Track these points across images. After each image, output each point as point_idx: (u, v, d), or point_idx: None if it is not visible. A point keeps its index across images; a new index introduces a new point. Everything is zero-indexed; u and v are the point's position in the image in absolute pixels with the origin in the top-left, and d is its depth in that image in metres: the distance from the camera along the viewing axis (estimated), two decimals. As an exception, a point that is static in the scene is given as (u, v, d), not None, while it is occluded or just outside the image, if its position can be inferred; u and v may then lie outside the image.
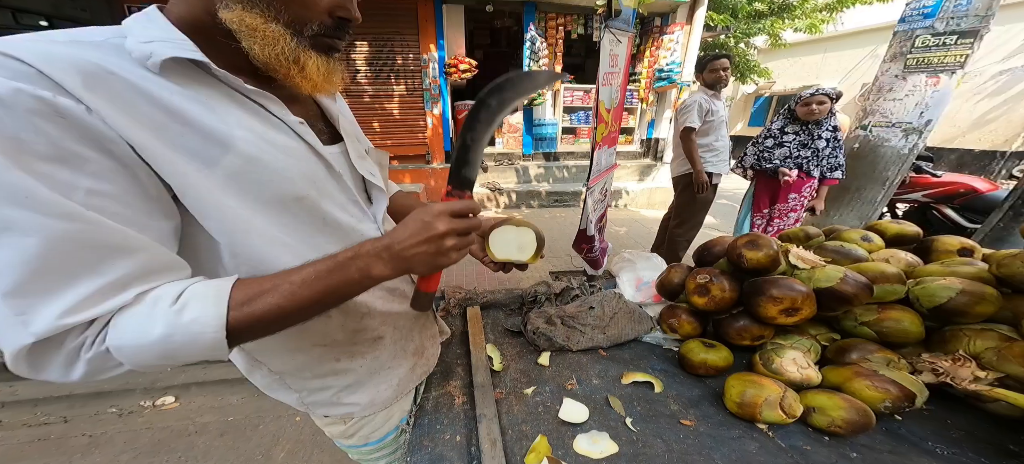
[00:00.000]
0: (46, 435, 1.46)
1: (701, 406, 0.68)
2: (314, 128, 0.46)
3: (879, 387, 0.58)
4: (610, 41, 1.68)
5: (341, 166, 0.49)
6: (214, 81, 0.38)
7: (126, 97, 0.32)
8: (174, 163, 0.34)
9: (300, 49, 0.39)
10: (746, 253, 0.72)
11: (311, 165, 0.44)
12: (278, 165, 0.40)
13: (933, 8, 2.02)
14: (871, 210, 2.34)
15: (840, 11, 4.90)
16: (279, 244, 0.41)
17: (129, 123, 0.32)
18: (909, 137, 2.16)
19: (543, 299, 1.04)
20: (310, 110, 0.50)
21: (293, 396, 0.54)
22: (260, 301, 0.36)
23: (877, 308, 0.70)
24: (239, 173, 0.37)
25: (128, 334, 0.32)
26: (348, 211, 0.49)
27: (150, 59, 0.33)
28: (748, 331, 0.73)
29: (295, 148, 0.42)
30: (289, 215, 0.42)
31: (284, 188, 0.41)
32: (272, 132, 0.41)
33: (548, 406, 0.69)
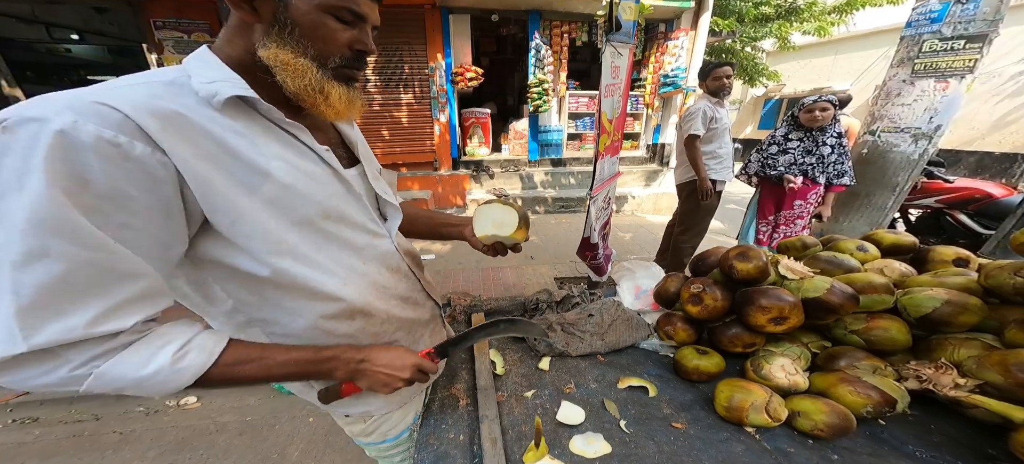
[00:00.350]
0: (80, 432, 1.56)
1: (692, 410, 0.71)
2: (336, 153, 0.52)
3: (861, 392, 0.60)
4: (611, 54, 1.72)
5: (360, 187, 0.55)
6: (255, 115, 0.44)
7: (191, 135, 0.38)
8: (227, 191, 0.40)
9: (325, 80, 0.45)
10: (737, 264, 0.75)
11: (334, 187, 0.50)
12: (307, 189, 0.46)
13: (940, 13, 2.00)
14: (881, 216, 2.32)
15: (850, 13, 4.83)
16: (309, 260, 0.47)
17: (192, 157, 0.38)
18: (919, 142, 2.14)
19: (545, 306, 1.08)
20: (332, 137, 0.56)
21: (313, 395, 0.60)
22: (240, 368, 0.43)
23: (866, 317, 0.72)
24: (276, 198, 0.43)
25: (123, 366, 0.37)
26: (366, 228, 0.55)
27: (215, 98, 0.40)
28: (740, 339, 0.76)
29: (321, 173, 0.48)
30: (317, 233, 0.48)
31: (312, 209, 0.46)
32: (302, 160, 0.46)
33: (546, 408, 0.73)
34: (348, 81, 0.48)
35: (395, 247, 0.59)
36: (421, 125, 4.80)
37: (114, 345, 0.36)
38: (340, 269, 0.51)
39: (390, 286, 0.59)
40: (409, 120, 4.75)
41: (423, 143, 4.88)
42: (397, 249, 0.60)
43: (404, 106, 4.68)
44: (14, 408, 1.68)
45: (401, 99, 4.65)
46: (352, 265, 0.52)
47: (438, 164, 4.96)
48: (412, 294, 0.64)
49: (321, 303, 0.50)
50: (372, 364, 0.52)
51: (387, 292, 0.58)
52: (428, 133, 4.84)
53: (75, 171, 0.32)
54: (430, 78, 4.55)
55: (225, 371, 0.42)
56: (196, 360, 0.40)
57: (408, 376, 0.54)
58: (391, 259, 0.59)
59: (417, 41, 4.44)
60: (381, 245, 0.57)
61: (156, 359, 0.38)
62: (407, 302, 0.63)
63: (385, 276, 0.58)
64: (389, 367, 0.53)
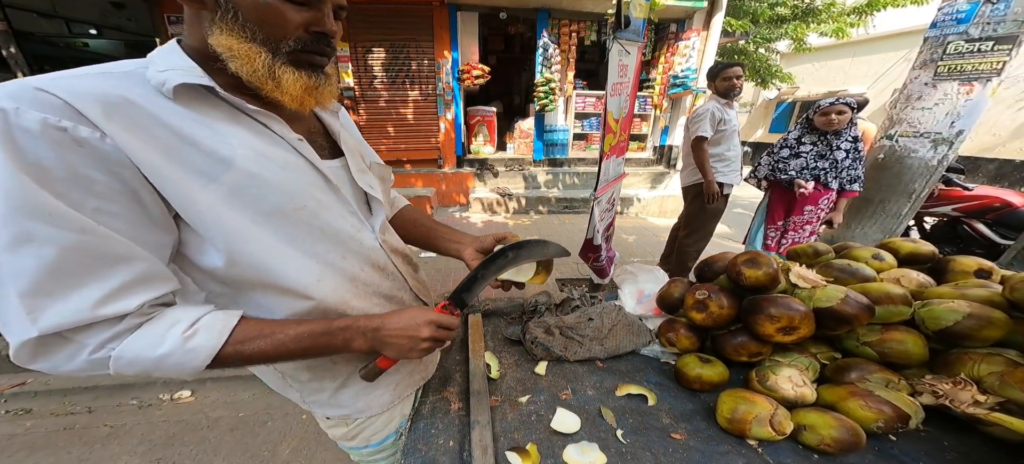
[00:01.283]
0: (72, 424, 1.56)
1: (693, 420, 0.68)
2: (314, 144, 0.50)
3: (873, 407, 0.57)
4: (619, 52, 1.69)
5: (339, 179, 0.52)
6: (220, 103, 0.42)
7: (141, 122, 0.37)
8: (180, 181, 0.39)
9: (276, 65, 0.42)
10: (745, 271, 0.72)
11: (309, 178, 0.48)
12: (277, 179, 0.44)
13: (968, 13, 1.92)
14: (896, 224, 2.24)
15: (870, 14, 4.68)
16: (278, 252, 0.45)
17: (140, 145, 0.37)
18: (938, 148, 2.06)
19: (543, 309, 1.06)
20: (312, 126, 0.54)
21: (296, 395, 0.58)
22: (253, 344, 0.42)
23: (880, 328, 0.68)
24: (240, 188, 0.42)
25: (137, 347, 0.37)
26: (346, 222, 0.53)
27: (164, 86, 0.38)
28: (746, 348, 0.73)
29: (294, 163, 0.46)
30: (290, 225, 0.46)
31: (283, 200, 0.45)
32: (272, 148, 0.45)
33: (541, 415, 0.71)
34: (311, 67, 0.45)
35: (379, 243, 0.57)
36: (426, 122, 4.80)
37: (123, 327, 0.37)
38: (314, 263, 0.49)
39: (372, 283, 0.57)
40: (415, 117, 4.76)
41: (428, 140, 4.89)
42: (382, 245, 0.58)
43: (410, 103, 4.69)
44: (8, 399, 1.69)
45: (407, 96, 4.66)
46: (330, 259, 0.50)
47: (442, 161, 4.95)
48: (397, 293, 0.62)
49: (290, 299, 0.48)
50: (387, 330, 0.49)
51: (367, 289, 0.56)
52: (433, 130, 4.84)
53: (31, 156, 0.32)
54: (437, 75, 4.55)
55: (239, 350, 0.41)
56: (206, 341, 0.40)
57: (429, 334, 0.50)
58: (374, 255, 0.57)
59: (424, 38, 4.44)
60: (364, 240, 0.55)
61: (167, 339, 0.38)
62: (391, 301, 0.61)
63: (367, 272, 0.56)
64: (405, 330, 0.49)
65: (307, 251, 0.48)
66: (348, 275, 0.52)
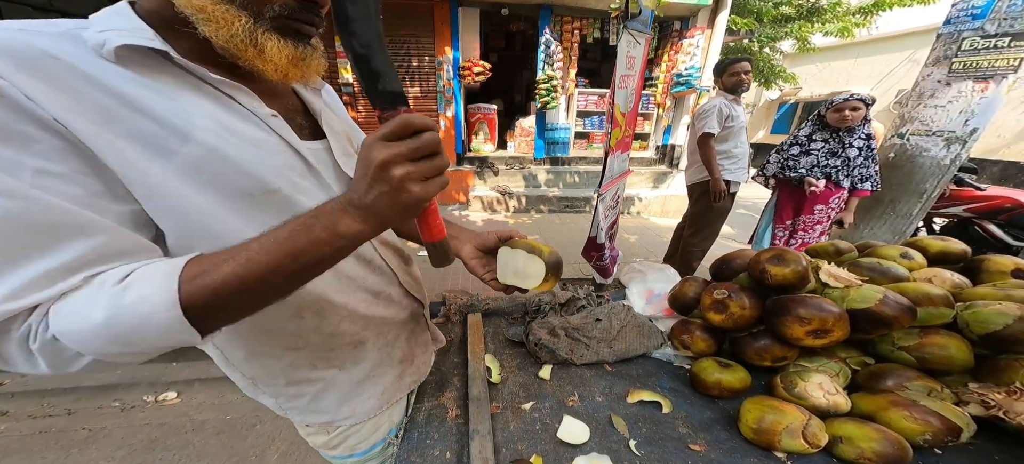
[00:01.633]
0: (48, 427, 1.49)
1: (712, 430, 0.63)
2: (292, 122, 0.44)
3: (919, 418, 0.51)
4: (627, 43, 1.63)
5: (321, 162, 0.46)
6: (178, 71, 0.36)
7: (67, 82, 0.31)
8: (122, 151, 0.32)
9: (258, 31, 0.37)
10: (770, 268, 0.66)
11: (284, 159, 0.42)
12: (244, 157, 0.38)
13: (983, 8, 1.87)
14: (906, 224, 2.19)
15: (876, 14, 4.63)
16: (239, 236, 0.38)
17: (67, 109, 0.30)
18: (951, 147, 2.01)
19: (547, 309, 1.00)
20: (290, 104, 0.48)
21: (271, 401, 0.52)
22: (215, 272, 0.32)
23: (918, 332, 0.63)
24: (199, 164, 0.36)
25: (69, 319, 0.29)
26: None
27: (104, 47, 0.32)
28: (769, 352, 0.67)
29: (265, 140, 0.40)
30: (257, 209, 0.40)
31: (251, 182, 0.39)
32: (239, 123, 0.39)
33: (546, 424, 0.65)
34: (297, 36, 0.40)
35: None
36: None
37: (52, 292, 0.29)
38: None
39: (356, 278, 0.51)
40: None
41: (428, 138, 4.82)
42: None
43: (410, 99, 4.62)
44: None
45: (407, 93, 4.57)
46: None
47: (443, 159, 4.89)
48: (385, 289, 0.56)
49: None
50: (356, 190, 0.35)
51: (351, 284, 0.50)
52: (433, 128, 4.78)
53: None
54: (437, 72, 4.50)
55: (204, 285, 0.31)
56: (148, 291, 0.30)
57: (383, 157, 0.33)
58: (361, 248, 0.51)
59: (425, 34, 4.39)
60: None
61: (98, 299, 0.30)
62: (377, 298, 0.55)
63: (350, 265, 0.50)
64: (364, 176, 0.34)
65: None
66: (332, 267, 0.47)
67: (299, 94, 0.50)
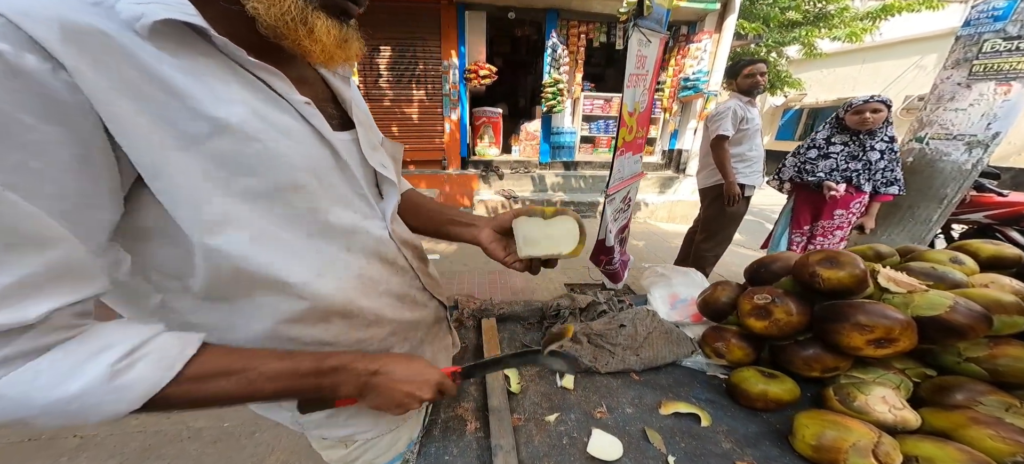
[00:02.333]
0: (37, 435, 1.43)
1: (760, 446, 0.57)
2: (323, 111, 0.41)
3: (1008, 437, 0.45)
4: (639, 41, 1.59)
5: (349, 155, 0.43)
6: (213, 51, 0.32)
7: (110, 59, 0.27)
8: (151, 137, 0.29)
9: (309, 9, 0.34)
10: (822, 272, 0.60)
11: (315, 151, 0.38)
12: (277, 148, 0.34)
13: (1005, 10, 1.83)
14: (925, 231, 2.13)
15: (884, 19, 4.60)
16: (269, 238, 0.35)
17: (108, 87, 0.27)
18: (973, 151, 1.96)
19: (566, 314, 0.94)
20: (320, 92, 0.45)
21: (285, 414, 0.47)
22: (214, 384, 0.32)
23: (988, 342, 0.57)
24: (230, 155, 0.32)
25: (32, 382, 0.25)
26: (353, 207, 0.43)
27: (140, 21, 0.28)
28: (820, 361, 0.61)
29: (298, 130, 0.37)
30: (287, 205, 0.36)
31: (280, 175, 0.35)
32: (273, 111, 0.35)
33: (574, 438, 0.59)
34: (341, 15, 0.37)
35: (389, 233, 0.47)
36: (431, 122, 4.73)
37: (13, 351, 0.25)
38: (314, 255, 0.39)
39: (381, 280, 0.47)
40: (419, 117, 4.69)
41: (432, 141, 4.81)
42: (392, 236, 0.48)
43: (415, 102, 4.63)
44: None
45: (413, 96, 4.59)
46: (332, 252, 0.40)
47: (447, 163, 4.87)
48: (409, 291, 0.52)
49: (282, 299, 0.38)
50: (389, 378, 0.42)
51: (377, 287, 0.46)
52: (438, 131, 4.77)
53: None
54: (443, 75, 4.49)
55: (191, 390, 0.31)
56: (147, 374, 0.29)
57: (428, 396, 0.45)
58: (384, 248, 0.47)
59: (431, 37, 4.39)
60: (372, 229, 0.45)
61: (87, 371, 0.26)
62: (403, 301, 0.50)
63: (375, 268, 0.46)
64: (409, 383, 0.44)
65: (306, 240, 0.38)
66: (354, 270, 0.43)
67: (328, 82, 0.47)
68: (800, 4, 4.85)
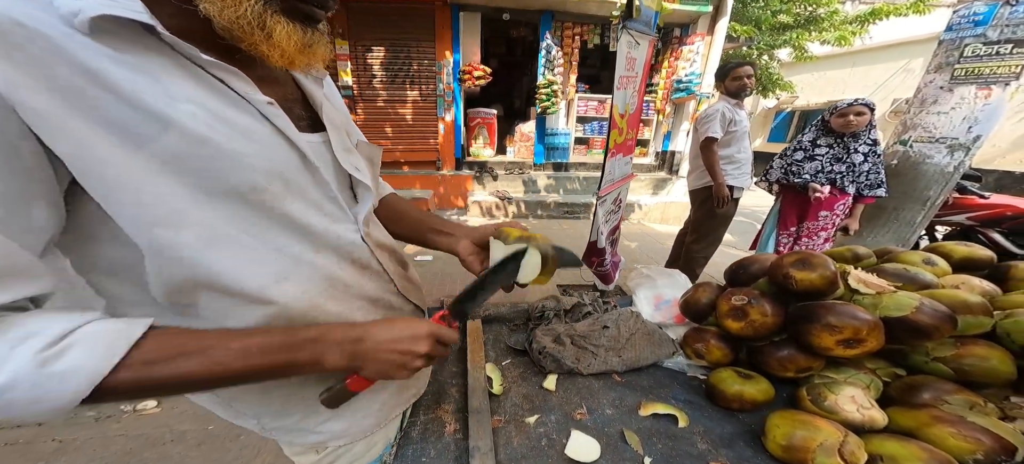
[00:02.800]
0: (15, 439, 1.40)
1: (734, 446, 0.58)
2: (290, 113, 0.40)
3: (968, 436, 0.47)
4: (628, 44, 1.60)
5: (319, 157, 0.42)
6: (164, 49, 0.32)
7: (33, 52, 0.26)
8: (83, 137, 0.28)
9: (267, 13, 0.33)
10: (795, 273, 0.61)
11: (279, 153, 0.37)
12: (234, 149, 0.33)
13: (986, 15, 1.88)
14: (909, 232, 2.17)
15: (873, 23, 4.68)
16: (224, 240, 0.34)
17: (29, 83, 0.26)
18: (955, 153, 2.00)
19: (551, 315, 0.95)
20: (289, 93, 0.44)
21: (252, 423, 0.47)
22: (173, 365, 0.30)
23: (955, 342, 0.58)
24: (180, 155, 0.31)
25: None
26: (323, 210, 0.42)
27: (78, 16, 0.27)
28: (794, 361, 0.62)
29: (259, 132, 0.36)
30: (245, 208, 0.35)
31: (237, 177, 0.34)
32: (231, 111, 0.34)
33: (553, 439, 0.60)
34: (306, 19, 0.37)
35: (361, 236, 0.47)
36: (425, 123, 4.72)
37: None
38: (275, 258, 0.38)
39: (352, 284, 0.46)
40: (413, 118, 4.67)
41: (426, 142, 4.80)
42: (365, 239, 0.47)
43: (409, 103, 4.61)
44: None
45: (407, 96, 4.58)
46: (297, 253, 0.40)
47: (441, 164, 4.86)
48: (384, 295, 0.51)
49: (240, 305, 0.37)
50: (373, 342, 0.40)
51: (347, 291, 0.45)
52: (432, 131, 4.76)
53: None
54: (437, 76, 4.48)
55: (145, 374, 0.29)
56: (85, 361, 0.27)
57: (426, 349, 0.43)
58: (355, 251, 0.46)
59: (425, 38, 4.38)
60: (344, 233, 0.44)
61: (8, 361, 0.25)
62: (376, 304, 0.50)
63: (346, 271, 0.45)
64: (396, 343, 0.41)
65: (268, 242, 0.37)
66: (323, 273, 0.42)
67: (298, 82, 0.46)
68: (791, 8, 4.92)
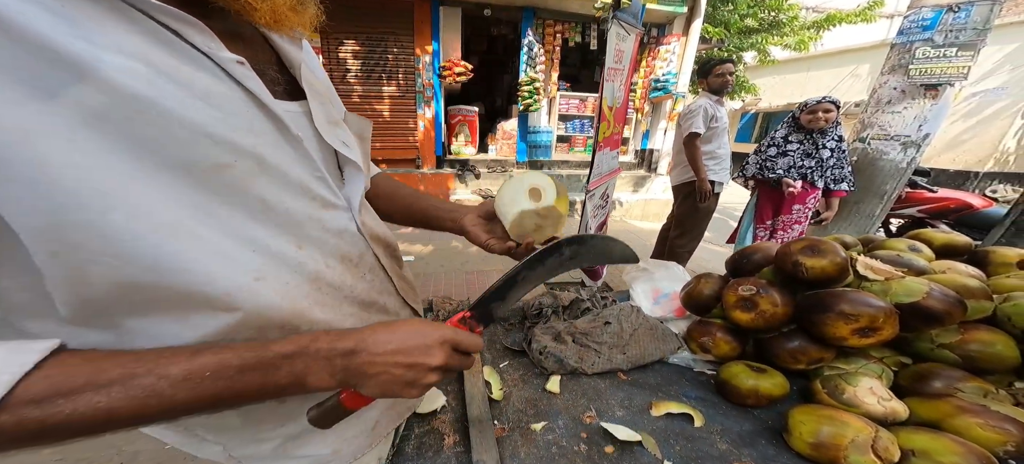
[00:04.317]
0: None
1: (756, 444, 0.55)
2: (263, 76, 0.32)
3: (997, 426, 0.45)
4: (617, 35, 1.59)
5: (301, 129, 0.34)
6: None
7: None
8: None
9: None
10: (805, 261, 0.59)
11: (252, 122, 0.30)
12: (188, 115, 0.26)
13: (932, 21, 2.02)
14: (869, 224, 2.31)
15: (827, 29, 5.04)
16: (172, 229, 0.26)
17: None
18: (908, 150, 2.15)
19: (549, 312, 0.90)
20: (261, 54, 0.36)
21: (214, 448, 0.38)
22: (79, 402, 0.22)
23: (958, 328, 0.58)
24: (105, 117, 0.23)
25: None
26: (308, 193, 0.34)
27: None
28: (805, 353, 0.60)
29: (222, 94, 0.28)
30: (204, 190, 0.27)
31: (195, 150, 0.26)
32: (184, 67, 0.26)
33: (563, 447, 0.55)
34: None
35: (356, 226, 0.39)
36: (404, 119, 4.55)
37: None
38: (248, 254, 0.30)
39: (343, 285, 0.38)
40: (392, 114, 4.50)
41: (405, 138, 4.64)
42: (360, 229, 0.40)
43: (386, 99, 4.43)
44: None
45: (383, 91, 4.40)
46: (275, 247, 0.32)
47: (421, 162, 4.72)
48: (378, 298, 0.44)
49: (198, 314, 0.29)
50: (372, 355, 0.32)
51: (337, 294, 0.37)
52: (411, 128, 4.60)
53: None
54: (416, 71, 4.33)
55: (35, 417, 0.21)
56: None
57: (440, 362, 0.34)
58: (348, 244, 0.39)
59: (404, 32, 4.23)
60: (332, 222, 0.37)
61: None
62: (369, 309, 0.42)
63: (336, 269, 0.37)
64: (404, 353, 0.33)
65: (234, 232, 0.29)
66: (307, 273, 0.34)
67: (271, 41, 0.38)
68: (756, 12, 5.19)
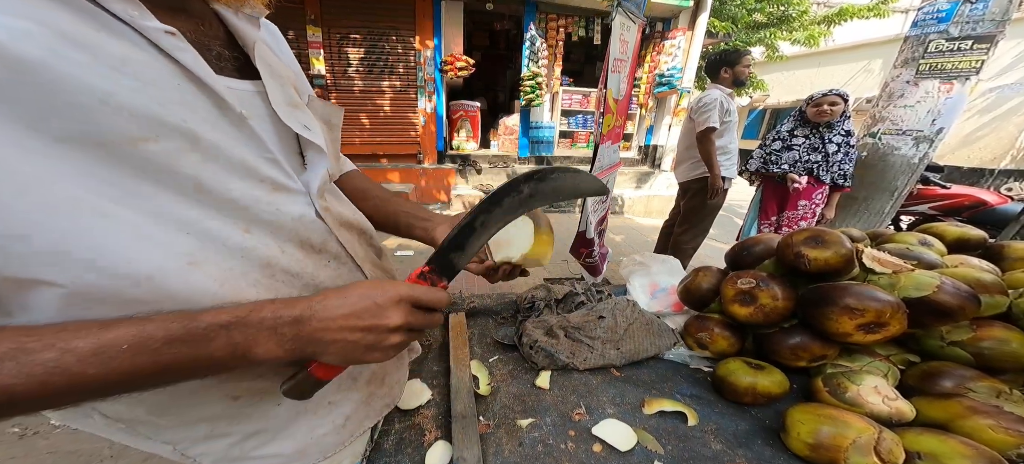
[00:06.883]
0: None
1: (752, 445, 0.52)
2: (205, 51, 0.30)
3: (1009, 428, 0.43)
4: (621, 24, 1.55)
5: (249, 108, 0.32)
6: None
7: None
8: None
9: None
10: (808, 252, 0.56)
11: (182, 97, 0.28)
12: (94, 83, 0.23)
13: (948, 13, 1.95)
14: (878, 221, 2.25)
15: (838, 24, 4.90)
16: (69, 206, 0.23)
17: None
18: (920, 145, 2.08)
19: (542, 306, 0.87)
20: (207, 29, 0.34)
21: (165, 447, 0.36)
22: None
23: (970, 324, 0.55)
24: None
25: None
26: (256, 174, 0.32)
27: None
28: (808, 350, 0.57)
29: (144, 63, 0.26)
30: (120, 167, 0.25)
31: (102, 122, 0.24)
32: (99, 36, 0.24)
33: (549, 445, 0.53)
34: None
35: (316, 211, 0.37)
36: (405, 114, 4.54)
37: None
38: (180, 236, 0.28)
39: (303, 272, 0.36)
40: (393, 108, 4.48)
41: (407, 133, 4.62)
42: (321, 215, 0.38)
43: (387, 93, 4.42)
44: None
45: (384, 87, 4.38)
46: (214, 230, 0.30)
47: (422, 156, 4.70)
48: None
49: (114, 306, 0.26)
50: (322, 319, 0.30)
51: (294, 282, 0.35)
52: (412, 123, 4.59)
53: None
54: (417, 65, 4.31)
55: None
56: None
57: (400, 320, 0.32)
58: (307, 230, 0.36)
59: (405, 26, 4.20)
60: (287, 206, 0.34)
61: None
62: None
63: (293, 255, 0.35)
64: (357, 317, 0.31)
65: (164, 213, 0.27)
66: (258, 258, 0.32)
67: (223, 19, 0.36)
68: (764, 7, 5.07)
